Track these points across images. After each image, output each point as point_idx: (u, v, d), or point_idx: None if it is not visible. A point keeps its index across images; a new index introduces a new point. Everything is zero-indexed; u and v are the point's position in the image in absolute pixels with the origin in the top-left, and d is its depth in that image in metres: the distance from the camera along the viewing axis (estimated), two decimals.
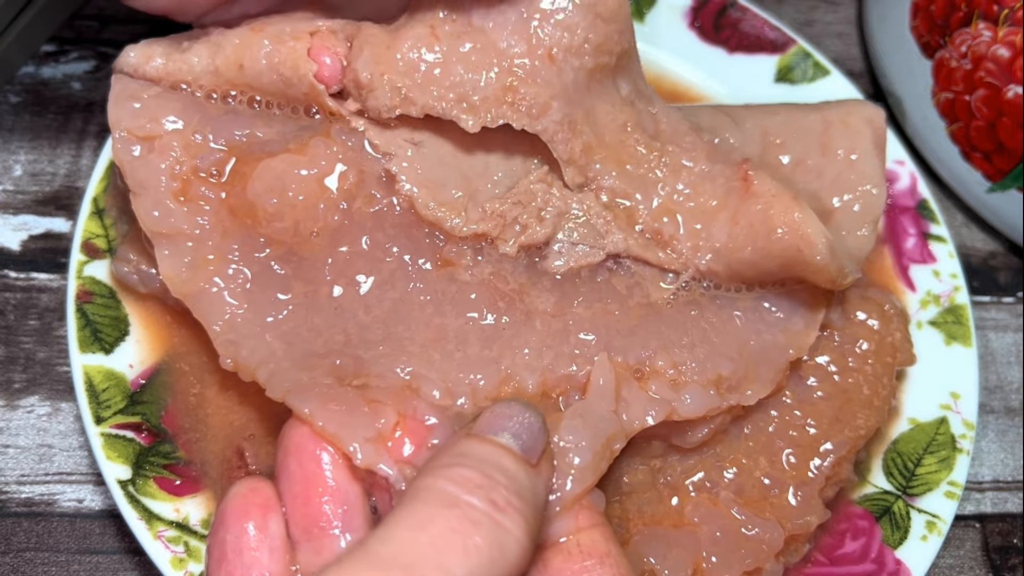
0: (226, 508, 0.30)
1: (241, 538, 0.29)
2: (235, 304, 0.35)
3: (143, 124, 0.36)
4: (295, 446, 0.31)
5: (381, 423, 0.31)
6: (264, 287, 0.35)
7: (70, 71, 0.53)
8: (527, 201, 0.37)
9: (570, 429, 0.33)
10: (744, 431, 0.40)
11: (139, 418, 0.39)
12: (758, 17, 0.54)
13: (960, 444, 0.44)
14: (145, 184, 0.35)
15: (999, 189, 0.52)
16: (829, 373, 0.41)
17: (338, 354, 0.34)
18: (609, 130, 0.37)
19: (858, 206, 0.41)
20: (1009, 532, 0.47)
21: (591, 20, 0.36)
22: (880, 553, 0.42)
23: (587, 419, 0.34)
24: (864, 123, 0.42)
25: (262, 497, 0.30)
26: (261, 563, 0.29)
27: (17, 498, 0.43)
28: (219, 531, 0.30)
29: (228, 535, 0.30)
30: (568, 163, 0.37)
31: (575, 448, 0.33)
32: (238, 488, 0.31)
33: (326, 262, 0.36)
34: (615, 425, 0.34)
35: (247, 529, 0.30)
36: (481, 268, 0.37)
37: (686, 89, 0.54)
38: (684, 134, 0.39)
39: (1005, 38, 0.48)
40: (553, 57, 0.36)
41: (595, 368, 0.35)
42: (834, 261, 0.36)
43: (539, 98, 0.36)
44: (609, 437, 0.34)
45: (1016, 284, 0.54)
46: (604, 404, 0.35)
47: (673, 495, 0.38)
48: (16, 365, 0.45)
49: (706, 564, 0.36)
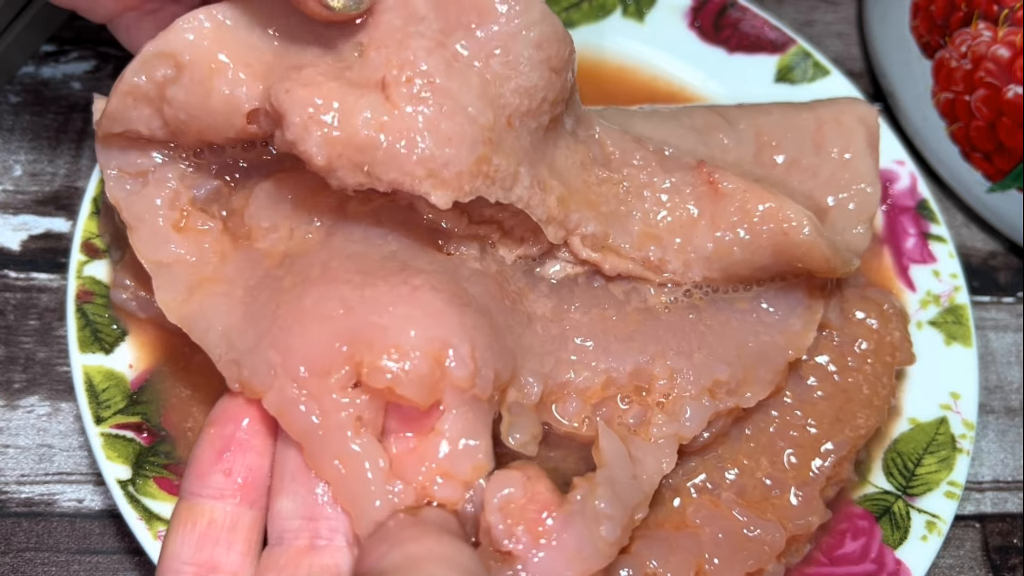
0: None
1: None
2: (234, 322, 0.34)
3: (133, 161, 0.35)
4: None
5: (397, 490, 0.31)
6: (261, 299, 0.34)
7: (70, 71, 0.53)
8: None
9: (605, 498, 0.32)
10: (745, 432, 0.40)
11: (139, 418, 0.39)
12: (758, 17, 0.54)
13: (960, 444, 0.44)
14: (142, 217, 0.35)
15: (999, 189, 0.52)
16: (829, 373, 0.41)
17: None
18: (572, 174, 0.37)
19: (853, 204, 0.41)
20: (1009, 532, 0.47)
21: (547, 78, 0.34)
22: (880, 553, 0.42)
23: (616, 488, 0.33)
24: (857, 122, 0.42)
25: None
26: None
27: (17, 498, 0.43)
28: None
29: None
30: (548, 222, 0.36)
31: (606, 520, 0.32)
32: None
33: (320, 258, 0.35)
34: (638, 495, 0.34)
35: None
36: (487, 264, 0.37)
37: (684, 89, 0.54)
38: (632, 152, 0.38)
39: (1005, 38, 0.48)
40: (511, 123, 0.34)
41: (601, 436, 0.35)
42: (821, 238, 0.36)
43: (510, 168, 0.33)
44: (634, 507, 0.34)
45: (1016, 284, 0.54)
46: (624, 471, 0.34)
47: (675, 497, 0.38)
48: (16, 365, 0.45)
49: (708, 566, 0.36)
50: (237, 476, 0.31)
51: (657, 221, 0.38)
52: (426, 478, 0.31)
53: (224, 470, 0.31)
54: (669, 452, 0.35)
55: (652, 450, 0.35)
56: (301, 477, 0.31)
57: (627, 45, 0.54)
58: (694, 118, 0.42)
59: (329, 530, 0.31)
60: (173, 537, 0.31)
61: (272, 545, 0.31)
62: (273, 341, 0.32)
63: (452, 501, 0.31)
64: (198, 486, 0.31)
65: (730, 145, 0.42)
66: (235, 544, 0.31)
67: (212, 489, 0.31)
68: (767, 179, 0.41)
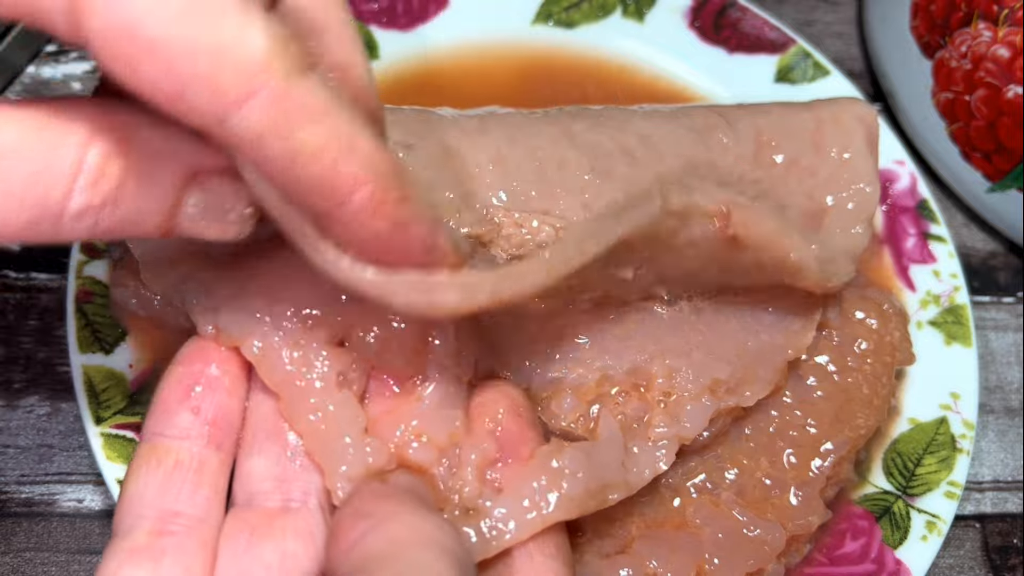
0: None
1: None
2: (212, 273, 0.33)
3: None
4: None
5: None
6: (245, 254, 0.33)
7: (70, 71, 0.53)
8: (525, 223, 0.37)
9: (572, 457, 0.32)
10: (745, 432, 0.40)
11: (139, 418, 0.39)
12: (758, 17, 0.54)
13: (960, 444, 0.44)
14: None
15: (999, 189, 0.52)
16: (828, 373, 0.41)
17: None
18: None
19: (852, 204, 0.41)
20: (1009, 532, 0.47)
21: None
22: (880, 553, 0.42)
23: (591, 457, 0.33)
24: (856, 121, 0.42)
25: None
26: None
27: (17, 498, 0.43)
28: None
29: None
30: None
31: (570, 476, 0.32)
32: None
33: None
34: (617, 475, 0.34)
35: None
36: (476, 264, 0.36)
37: (685, 88, 0.54)
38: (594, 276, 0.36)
39: (1005, 38, 0.48)
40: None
41: (601, 420, 0.35)
42: (815, 264, 0.36)
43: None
44: (607, 484, 0.33)
45: (1016, 284, 0.54)
46: (612, 452, 0.34)
47: (675, 497, 0.38)
48: (16, 365, 0.45)
49: (708, 566, 0.36)
50: (206, 415, 0.29)
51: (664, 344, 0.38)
52: (402, 439, 0.31)
53: (192, 407, 0.29)
54: (668, 452, 0.35)
55: (650, 448, 0.35)
56: (275, 436, 0.30)
57: (627, 45, 0.54)
58: (693, 118, 0.42)
59: (302, 492, 0.30)
60: (134, 479, 0.29)
61: (240, 506, 0.30)
62: (260, 289, 0.31)
63: (426, 465, 0.31)
64: (163, 425, 0.29)
65: (729, 144, 0.42)
66: (201, 488, 0.29)
67: (178, 429, 0.29)
68: (766, 179, 0.42)
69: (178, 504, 0.28)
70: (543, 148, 0.39)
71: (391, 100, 0.42)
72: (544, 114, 0.41)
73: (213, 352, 0.31)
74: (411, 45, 0.52)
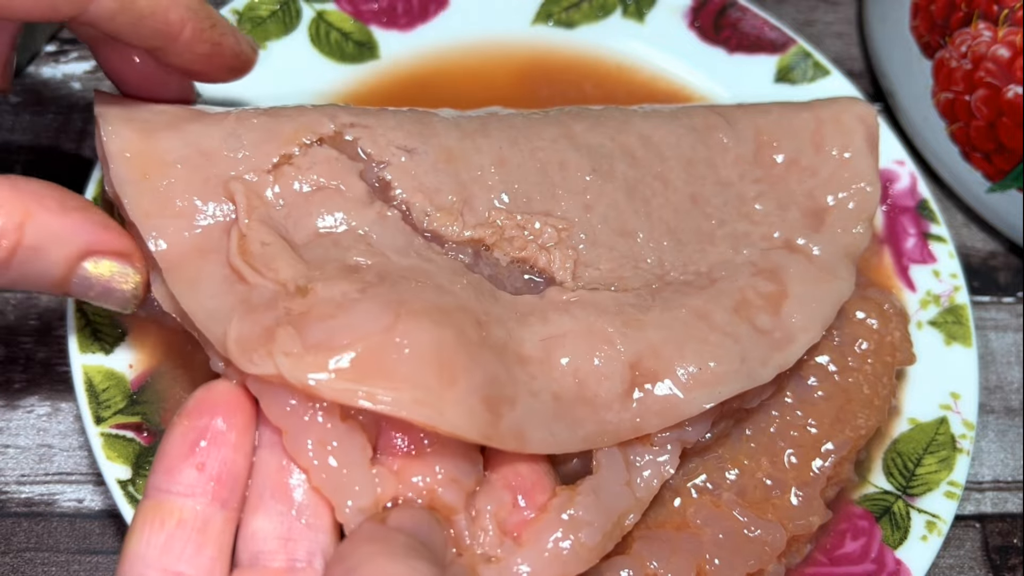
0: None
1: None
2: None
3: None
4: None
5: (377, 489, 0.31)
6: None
7: (70, 71, 0.53)
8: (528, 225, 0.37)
9: (583, 505, 0.32)
10: (745, 432, 0.40)
11: (139, 418, 0.39)
12: (758, 17, 0.54)
13: (960, 444, 0.45)
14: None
15: (999, 189, 0.52)
16: (829, 373, 0.41)
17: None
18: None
19: (853, 204, 0.41)
20: (1009, 532, 0.47)
21: None
22: (880, 553, 0.42)
23: (600, 496, 0.33)
24: (856, 121, 0.42)
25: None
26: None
27: (17, 498, 0.43)
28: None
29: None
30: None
31: (586, 526, 0.32)
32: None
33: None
34: (628, 500, 0.34)
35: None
36: (480, 268, 0.36)
37: (684, 88, 0.54)
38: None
39: (1005, 38, 0.48)
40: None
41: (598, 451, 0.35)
42: None
43: None
44: (621, 514, 0.34)
45: (1016, 284, 0.54)
46: (616, 477, 0.34)
47: (675, 497, 0.38)
48: (16, 365, 0.45)
49: (709, 566, 0.36)
50: (211, 471, 0.29)
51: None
52: (431, 483, 0.31)
53: (197, 464, 0.29)
54: (672, 457, 0.35)
55: (653, 455, 0.35)
56: (280, 493, 0.30)
57: (627, 45, 0.54)
58: (694, 118, 0.42)
59: (307, 552, 0.29)
60: (138, 537, 0.28)
61: (244, 567, 0.29)
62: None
63: (456, 507, 0.31)
64: (167, 481, 0.29)
65: (730, 144, 0.42)
66: (205, 548, 0.29)
67: (182, 485, 0.29)
68: (767, 178, 0.42)
69: (180, 565, 0.28)
70: (544, 149, 0.39)
71: (391, 100, 0.42)
72: (544, 115, 0.41)
73: (220, 405, 0.30)
74: (411, 45, 0.52)
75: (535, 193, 0.38)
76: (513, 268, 0.37)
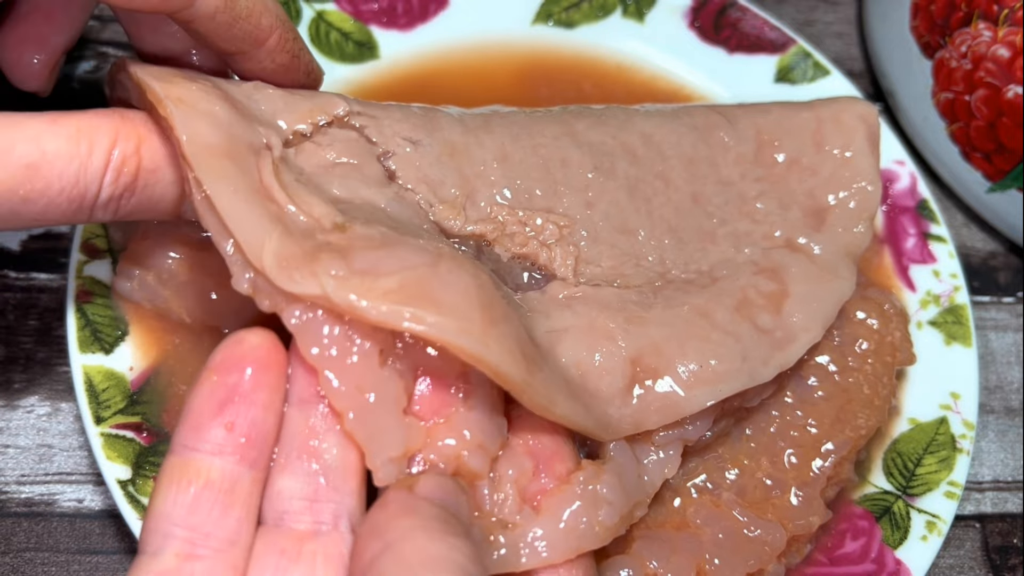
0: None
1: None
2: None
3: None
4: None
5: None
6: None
7: (70, 71, 0.53)
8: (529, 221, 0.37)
9: (608, 484, 0.32)
10: (746, 432, 0.40)
11: (139, 418, 0.39)
12: (758, 17, 0.54)
13: (960, 444, 0.45)
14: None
15: (999, 189, 0.52)
16: (829, 373, 0.41)
17: None
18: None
19: (853, 203, 0.41)
20: (1009, 532, 0.47)
21: None
22: (880, 553, 0.42)
23: (623, 479, 0.33)
24: (857, 120, 0.42)
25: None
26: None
27: (17, 498, 0.42)
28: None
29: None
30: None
31: (607, 505, 0.32)
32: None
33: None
34: (642, 492, 0.34)
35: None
36: (482, 263, 0.36)
37: (684, 88, 0.54)
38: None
39: (1005, 38, 0.48)
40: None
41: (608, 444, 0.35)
42: None
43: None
44: (636, 504, 0.34)
45: (1016, 284, 0.54)
46: (632, 467, 0.34)
47: (675, 497, 0.38)
48: (16, 365, 0.45)
49: (709, 566, 0.36)
50: (240, 431, 0.28)
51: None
52: (456, 447, 0.30)
53: (226, 424, 0.28)
54: (674, 457, 0.35)
55: (656, 453, 0.35)
56: (308, 454, 0.29)
57: (627, 45, 0.54)
58: (694, 117, 0.42)
59: (332, 515, 0.29)
60: (164, 495, 0.28)
61: (269, 526, 0.29)
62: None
63: (480, 473, 0.31)
64: (194, 439, 0.28)
65: (730, 143, 0.42)
66: (232, 509, 0.28)
67: (211, 444, 0.28)
68: (767, 178, 0.42)
69: (208, 525, 0.28)
70: (546, 146, 0.39)
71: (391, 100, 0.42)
72: (547, 113, 0.41)
73: (250, 359, 0.29)
74: (411, 45, 0.52)
75: (537, 189, 0.38)
76: (514, 264, 0.37)
